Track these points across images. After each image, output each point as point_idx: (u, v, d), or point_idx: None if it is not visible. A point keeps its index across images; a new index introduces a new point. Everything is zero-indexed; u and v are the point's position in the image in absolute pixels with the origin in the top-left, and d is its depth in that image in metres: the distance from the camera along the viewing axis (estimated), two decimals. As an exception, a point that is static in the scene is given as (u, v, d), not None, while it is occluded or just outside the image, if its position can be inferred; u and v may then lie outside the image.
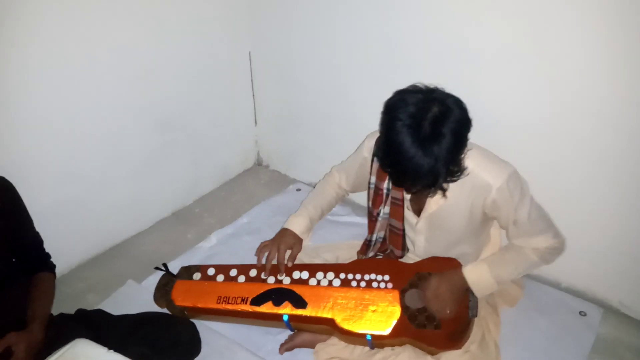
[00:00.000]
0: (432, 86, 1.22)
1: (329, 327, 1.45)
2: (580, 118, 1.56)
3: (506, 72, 1.64)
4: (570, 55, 1.50)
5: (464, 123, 1.19)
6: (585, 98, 1.53)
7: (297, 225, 1.59)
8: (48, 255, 1.45)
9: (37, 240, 1.43)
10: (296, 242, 1.58)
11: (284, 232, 1.59)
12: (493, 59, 1.65)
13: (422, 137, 1.14)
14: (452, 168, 1.23)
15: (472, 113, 1.21)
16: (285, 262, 1.55)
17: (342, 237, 1.95)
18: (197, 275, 1.61)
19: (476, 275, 1.40)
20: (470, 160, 1.28)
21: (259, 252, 1.58)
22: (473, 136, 1.25)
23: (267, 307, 1.49)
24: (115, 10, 1.75)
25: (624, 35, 1.40)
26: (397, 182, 1.31)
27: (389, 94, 1.25)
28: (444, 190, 1.30)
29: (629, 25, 1.38)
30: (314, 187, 1.74)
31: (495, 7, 1.57)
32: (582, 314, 1.72)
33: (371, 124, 1.46)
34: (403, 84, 1.26)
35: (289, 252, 1.57)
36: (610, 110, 1.50)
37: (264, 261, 1.57)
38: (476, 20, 1.63)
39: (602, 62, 1.46)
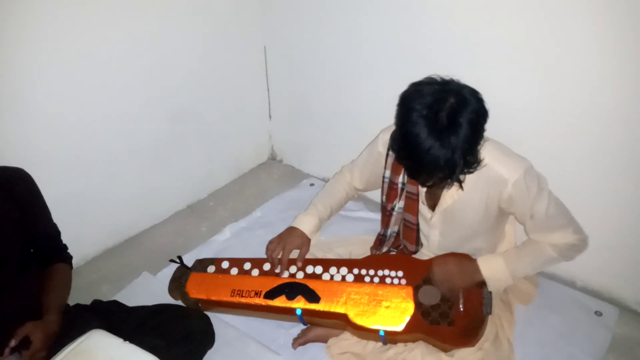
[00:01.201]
0: (447, 78, 1.21)
1: (342, 322, 1.46)
2: (595, 113, 1.54)
3: (519, 66, 1.62)
4: (585, 50, 1.48)
5: (481, 113, 1.18)
6: (599, 93, 1.50)
7: (306, 225, 1.58)
8: (65, 247, 1.46)
9: (54, 232, 1.44)
10: (304, 242, 1.57)
11: (292, 231, 1.58)
12: (507, 53, 1.62)
13: (439, 128, 1.13)
14: (469, 159, 1.21)
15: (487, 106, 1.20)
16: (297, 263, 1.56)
17: (355, 232, 1.94)
18: (211, 268, 1.62)
19: (491, 267, 1.40)
20: (486, 154, 1.26)
21: (267, 250, 1.58)
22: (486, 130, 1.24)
23: (281, 301, 1.50)
24: (129, 3, 1.76)
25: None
26: (414, 175, 1.29)
27: (402, 89, 1.24)
28: (460, 182, 1.28)
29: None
30: (326, 183, 1.73)
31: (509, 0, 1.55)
32: (598, 313, 1.69)
33: (385, 119, 1.45)
34: (417, 78, 1.25)
35: (295, 251, 1.56)
36: (625, 105, 1.48)
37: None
38: (489, 13, 1.61)
39: (618, 56, 1.43)
